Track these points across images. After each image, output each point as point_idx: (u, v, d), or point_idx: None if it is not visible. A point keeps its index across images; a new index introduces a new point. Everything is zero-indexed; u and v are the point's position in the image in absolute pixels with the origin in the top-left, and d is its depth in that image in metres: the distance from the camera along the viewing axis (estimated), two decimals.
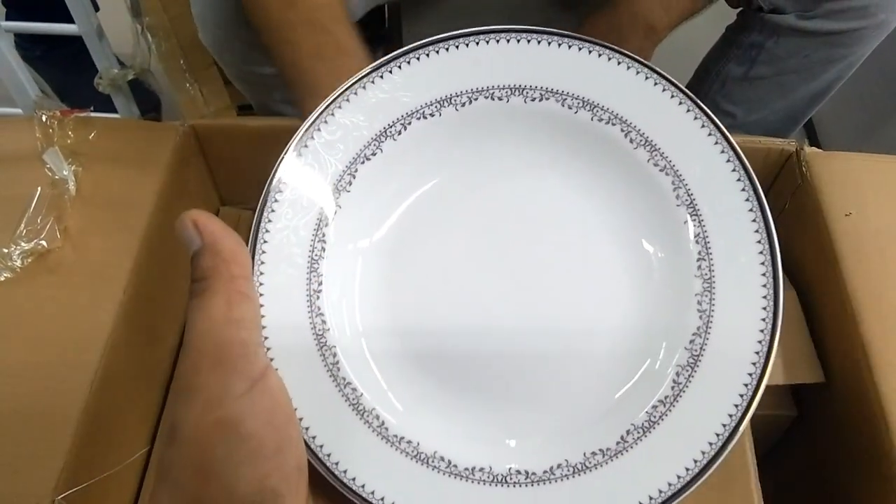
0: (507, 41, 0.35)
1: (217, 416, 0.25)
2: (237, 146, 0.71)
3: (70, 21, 0.78)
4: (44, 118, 0.64)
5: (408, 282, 0.36)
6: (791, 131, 0.88)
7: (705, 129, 0.35)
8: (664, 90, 0.35)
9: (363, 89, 0.35)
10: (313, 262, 0.34)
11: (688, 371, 0.33)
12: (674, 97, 0.35)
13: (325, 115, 0.35)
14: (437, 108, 0.36)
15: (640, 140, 0.35)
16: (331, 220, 0.35)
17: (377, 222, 0.37)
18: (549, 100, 0.36)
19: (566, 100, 0.36)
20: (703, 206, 0.35)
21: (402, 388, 0.35)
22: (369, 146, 0.36)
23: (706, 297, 0.34)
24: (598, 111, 0.36)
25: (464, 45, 0.35)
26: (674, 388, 0.33)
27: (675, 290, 0.35)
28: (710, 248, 0.34)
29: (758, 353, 0.32)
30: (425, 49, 0.35)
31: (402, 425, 0.33)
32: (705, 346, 0.33)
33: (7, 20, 1.05)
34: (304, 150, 0.35)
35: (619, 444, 0.33)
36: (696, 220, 0.35)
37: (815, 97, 0.82)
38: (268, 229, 0.33)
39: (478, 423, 0.35)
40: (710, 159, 0.34)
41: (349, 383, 0.33)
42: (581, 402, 0.35)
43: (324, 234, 0.35)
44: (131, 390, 0.57)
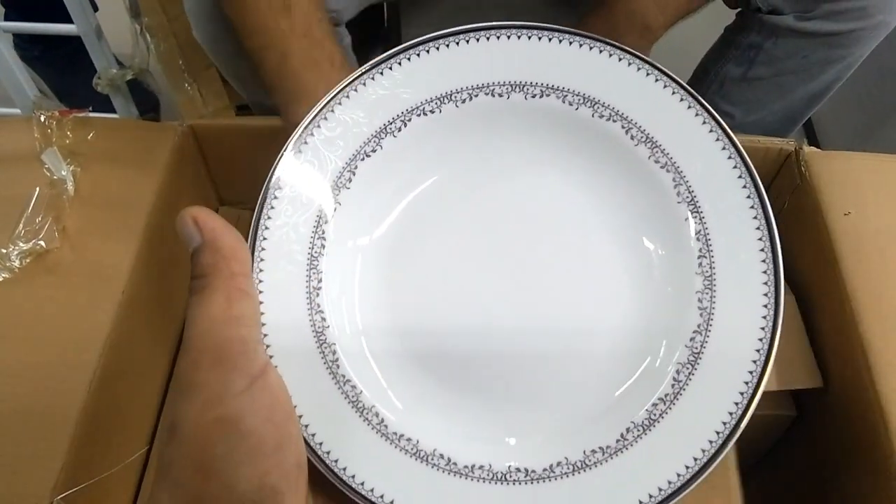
0: (507, 37, 0.35)
1: (217, 414, 0.25)
2: (236, 146, 0.71)
3: (69, 21, 0.78)
4: (42, 118, 0.64)
5: (407, 280, 0.36)
6: (790, 132, 0.88)
7: (706, 126, 0.34)
8: (665, 86, 0.35)
9: (363, 86, 0.35)
10: (313, 259, 0.34)
11: (688, 369, 0.33)
12: (675, 93, 0.35)
13: (325, 111, 0.35)
14: (437, 104, 0.36)
15: (641, 137, 0.35)
16: (330, 217, 0.35)
17: (377, 219, 0.37)
18: (549, 96, 0.36)
19: (567, 96, 0.36)
20: (704, 203, 0.35)
21: (402, 386, 0.35)
22: (369, 143, 0.36)
23: (707, 294, 0.34)
24: (598, 108, 0.36)
25: (464, 42, 0.35)
26: (674, 386, 0.33)
27: (675, 287, 0.35)
28: (711, 245, 0.34)
29: (758, 350, 0.32)
30: (425, 45, 0.35)
31: (401, 423, 0.33)
32: (706, 343, 0.33)
33: (6, 20, 1.05)
34: (303, 146, 0.34)
35: (619, 442, 0.33)
36: (696, 218, 0.35)
37: (814, 98, 0.82)
38: (267, 226, 0.33)
39: (478, 422, 0.35)
40: (711, 156, 0.34)
41: (349, 381, 0.33)
42: (581, 400, 0.35)
43: (323, 232, 0.35)
44: (130, 390, 0.57)
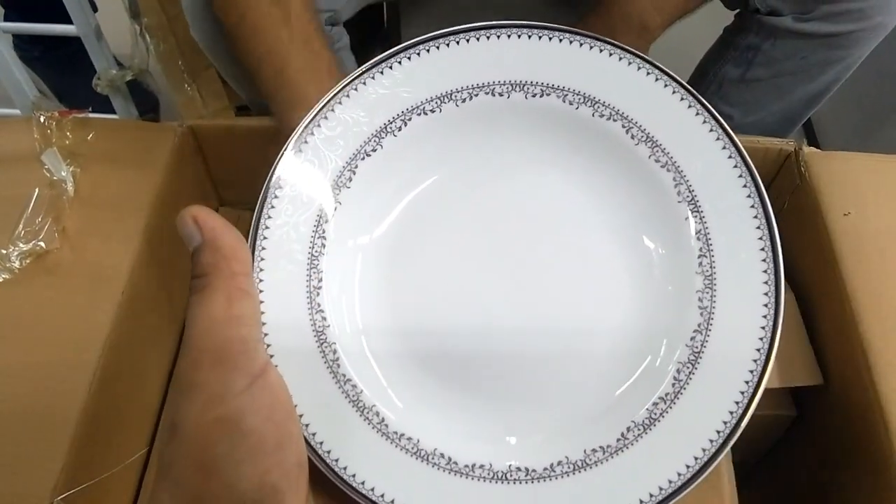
0: (507, 37, 0.35)
1: (218, 414, 0.25)
2: (235, 147, 0.71)
3: (68, 22, 0.78)
4: (42, 119, 0.64)
5: (408, 280, 0.36)
6: (789, 133, 0.88)
7: (707, 125, 0.34)
8: (666, 86, 0.35)
9: (363, 85, 0.35)
10: (313, 258, 0.34)
11: (688, 368, 0.33)
12: (675, 93, 0.35)
13: (325, 110, 0.35)
14: (437, 104, 0.36)
15: (642, 136, 0.35)
16: (331, 216, 0.35)
17: (377, 219, 0.37)
18: (550, 96, 0.36)
19: (567, 96, 0.36)
20: (704, 202, 0.35)
21: (402, 385, 0.35)
22: (369, 142, 0.35)
23: (707, 293, 0.34)
24: (599, 107, 0.36)
25: (464, 41, 0.35)
26: (674, 385, 0.33)
27: (676, 286, 0.35)
28: (712, 244, 0.34)
29: (759, 349, 0.32)
30: (425, 45, 0.35)
31: (402, 422, 0.33)
32: (706, 342, 0.33)
33: (5, 21, 1.05)
34: (304, 146, 0.34)
35: (619, 441, 0.33)
36: (697, 217, 0.35)
37: (813, 99, 0.82)
38: (268, 226, 0.33)
39: (478, 422, 0.35)
40: (711, 155, 0.34)
41: (349, 380, 0.33)
42: (582, 400, 0.35)
43: (324, 231, 0.35)
44: (130, 391, 0.57)
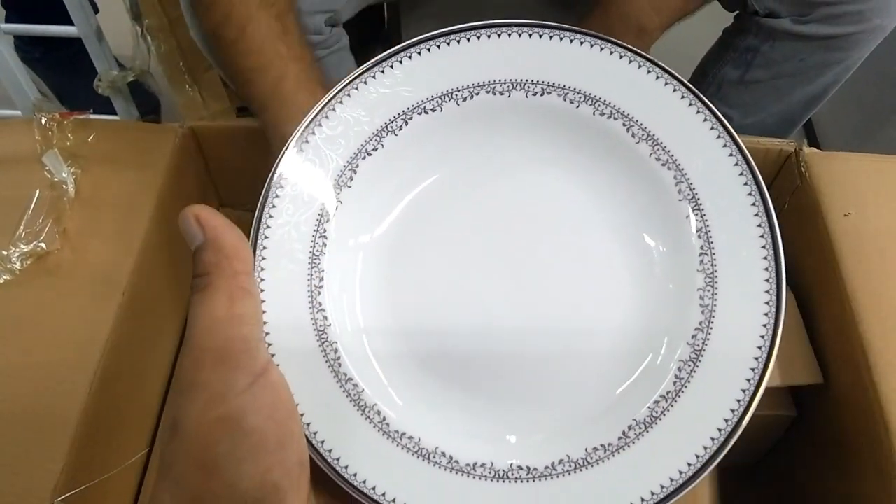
0: (508, 35, 0.35)
1: (219, 413, 0.25)
2: (236, 148, 0.71)
3: (69, 23, 0.78)
4: (43, 120, 0.64)
5: (408, 279, 0.36)
6: (788, 134, 0.88)
7: (707, 124, 0.34)
8: (666, 84, 0.35)
9: (364, 84, 0.35)
10: (314, 257, 0.34)
11: (690, 366, 0.33)
12: (676, 91, 0.35)
13: (326, 110, 0.35)
14: (438, 102, 0.36)
15: (642, 134, 0.35)
16: (332, 215, 0.35)
17: (378, 218, 0.37)
18: (550, 94, 0.36)
19: (568, 94, 0.36)
20: (705, 200, 0.34)
21: (403, 384, 0.35)
22: (370, 141, 0.36)
23: (708, 292, 0.34)
24: (600, 105, 0.36)
25: (465, 40, 0.35)
26: (676, 384, 0.33)
27: (676, 285, 0.35)
28: (713, 242, 0.34)
29: (760, 347, 0.32)
30: (426, 44, 0.35)
31: (403, 421, 0.33)
32: (707, 341, 0.33)
33: (6, 22, 1.05)
34: (304, 145, 0.34)
35: (620, 439, 0.33)
36: (698, 215, 0.35)
37: (812, 100, 0.82)
38: (269, 225, 0.33)
39: (479, 421, 0.35)
40: (712, 154, 0.34)
41: (350, 379, 0.33)
42: (583, 399, 0.35)
43: (325, 230, 0.35)
44: (130, 392, 0.57)
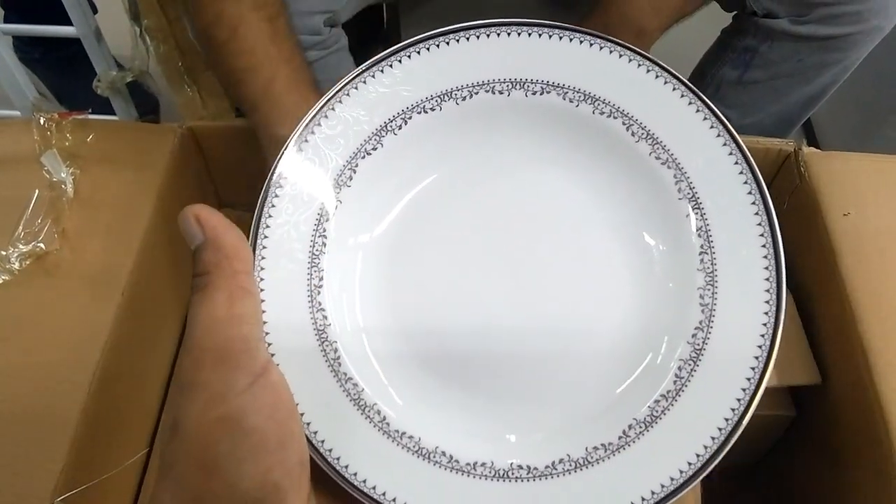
0: (507, 34, 0.35)
1: (219, 413, 0.25)
2: (236, 148, 0.71)
3: (68, 23, 0.78)
4: (42, 120, 0.64)
5: (408, 278, 0.36)
6: (787, 134, 0.88)
7: (707, 122, 0.34)
8: (666, 83, 0.35)
9: (363, 84, 0.35)
10: (314, 257, 0.34)
11: (690, 365, 0.33)
12: (675, 90, 0.35)
13: (325, 109, 0.35)
14: (437, 102, 0.36)
15: (642, 133, 0.35)
16: (331, 215, 0.35)
17: (378, 217, 0.37)
18: (550, 93, 0.36)
19: (567, 93, 0.36)
20: (705, 199, 0.34)
21: (403, 384, 0.35)
22: (370, 141, 0.36)
23: (708, 291, 0.34)
24: (599, 104, 0.36)
25: (464, 39, 0.35)
26: (676, 383, 0.33)
27: (677, 283, 0.35)
28: (713, 241, 0.34)
29: (760, 346, 0.32)
30: (425, 43, 0.35)
31: (403, 421, 0.33)
32: (707, 339, 0.33)
33: (5, 22, 1.05)
34: (304, 144, 0.34)
35: (621, 438, 0.33)
36: (698, 214, 0.35)
37: (810, 101, 0.82)
38: (268, 224, 0.33)
39: (479, 420, 0.35)
40: (712, 152, 0.34)
41: (350, 378, 0.33)
42: (582, 398, 0.35)
43: (324, 230, 0.35)
44: (130, 392, 0.57)
